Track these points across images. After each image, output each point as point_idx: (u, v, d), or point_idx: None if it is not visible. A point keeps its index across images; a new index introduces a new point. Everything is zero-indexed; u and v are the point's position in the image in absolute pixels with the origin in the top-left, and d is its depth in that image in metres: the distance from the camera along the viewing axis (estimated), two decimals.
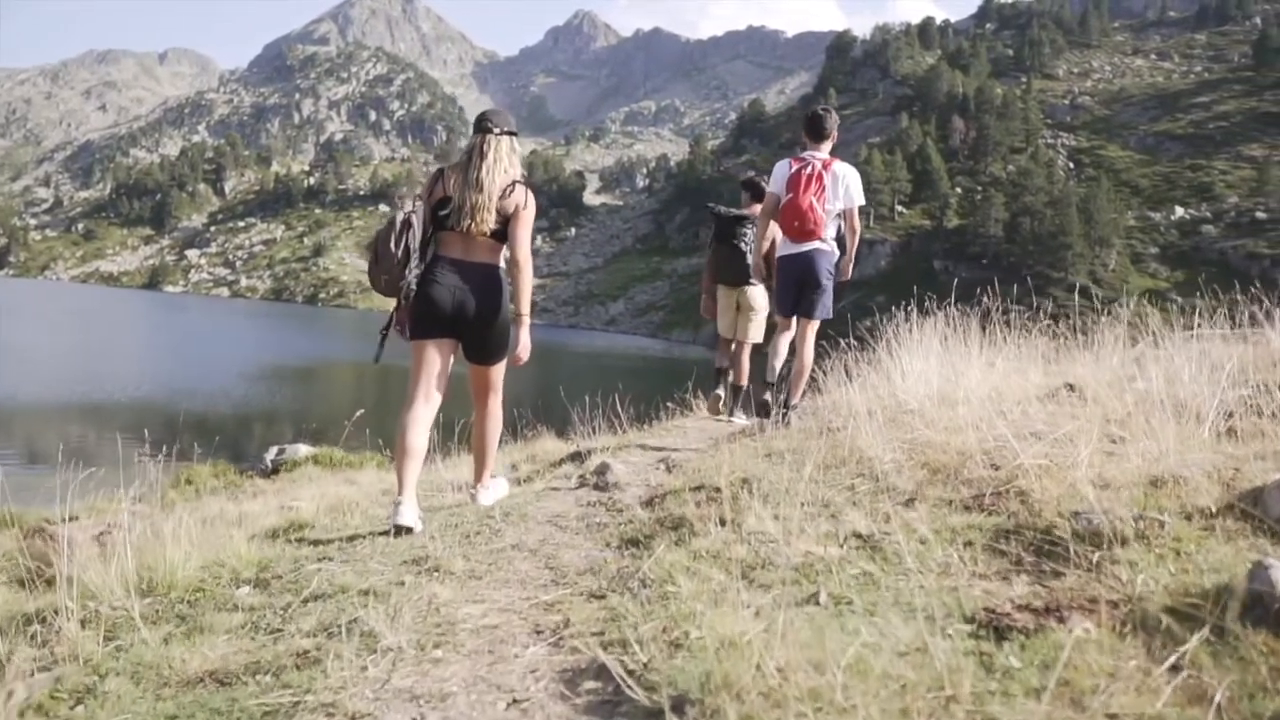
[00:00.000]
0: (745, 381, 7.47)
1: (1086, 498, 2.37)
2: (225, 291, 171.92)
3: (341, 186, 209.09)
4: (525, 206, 4.21)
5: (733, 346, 7.53)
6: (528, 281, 4.23)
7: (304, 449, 11.18)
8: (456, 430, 5.62)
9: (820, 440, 4.00)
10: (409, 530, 3.70)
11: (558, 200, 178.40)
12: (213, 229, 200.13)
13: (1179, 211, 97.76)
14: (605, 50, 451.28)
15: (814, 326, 6.18)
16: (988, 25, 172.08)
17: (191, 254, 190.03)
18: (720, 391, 7.37)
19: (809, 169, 6.21)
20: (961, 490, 2.74)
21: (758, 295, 7.38)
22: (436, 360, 4.20)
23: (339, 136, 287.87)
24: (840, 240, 6.28)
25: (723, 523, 2.76)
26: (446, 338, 4.21)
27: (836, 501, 2.78)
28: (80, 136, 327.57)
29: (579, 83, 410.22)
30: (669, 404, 8.25)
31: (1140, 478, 2.59)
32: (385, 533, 3.65)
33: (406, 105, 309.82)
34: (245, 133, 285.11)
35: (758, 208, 7.38)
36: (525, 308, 4.26)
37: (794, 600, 2.02)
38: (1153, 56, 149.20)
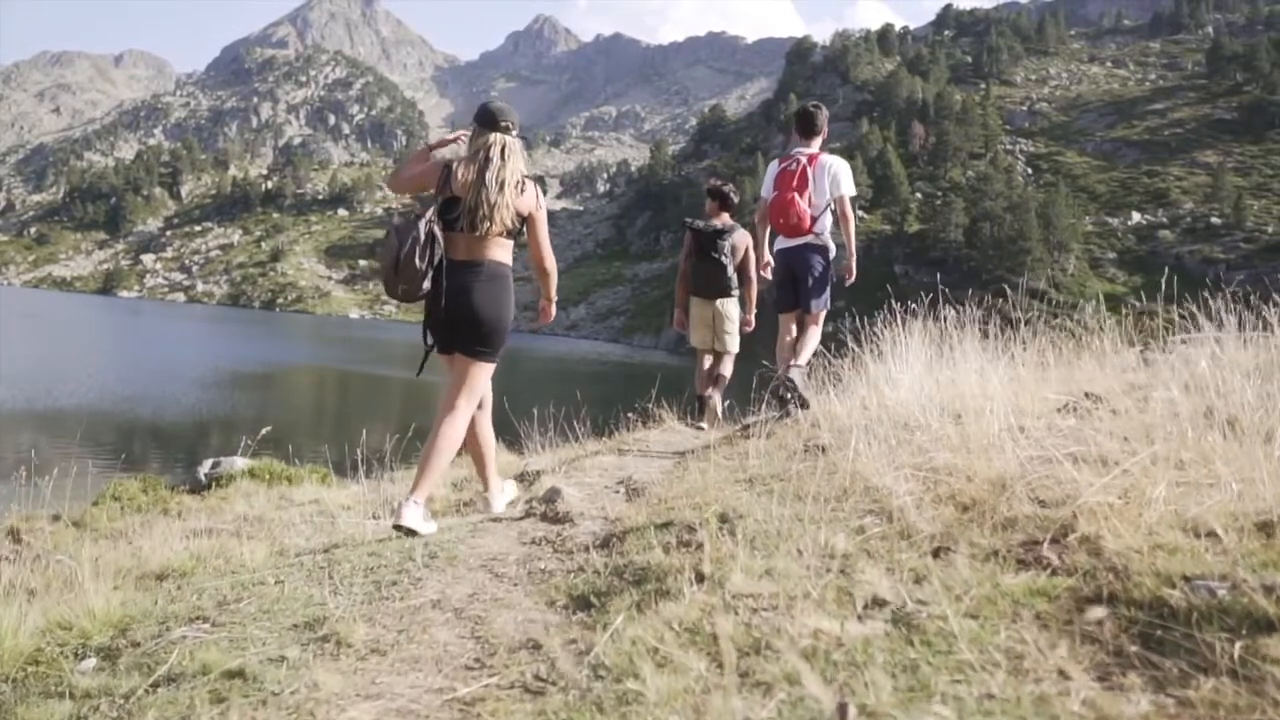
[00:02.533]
0: (725, 383, 7.57)
1: (1189, 553, 1.79)
2: (181, 296, 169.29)
3: (300, 191, 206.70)
4: (539, 207, 4.19)
5: (709, 359, 7.63)
6: (554, 283, 4.39)
7: (240, 462, 10.41)
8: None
9: (808, 462, 3.40)
10: (412, 532, 3.60)
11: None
12: (168, 233, 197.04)
13: (1136, 217, 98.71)
14: (566, 55, 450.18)
15: (816, 317, 6.26)
16: (946, 32, 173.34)
17: (147, 259, 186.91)
18: (704, 424, 7.29)
19: (794, 165, 6.20)
20: (1005, 536, 2.14)
21: (731, 306, 7.50)
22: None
23: (297, 140, 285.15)
24: (836, 234, 6.32)
25: (700, 578, 2.14)
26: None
27: (845, 549, 2.17)
28: (33, 139, 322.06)
29: (540, 87, 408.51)
30: (630, 413, 7.64)
31: (1235, 519, 2.01)
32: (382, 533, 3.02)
33: (366, 109, 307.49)
34: (202, 136, 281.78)
35: (725, 216, 7.64)
36: (553, 295, 4.47)
37: (810, 717, 1.42)
38: (1108, 64, 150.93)
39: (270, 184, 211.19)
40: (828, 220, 6.19)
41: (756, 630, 1.79)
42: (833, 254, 6.30)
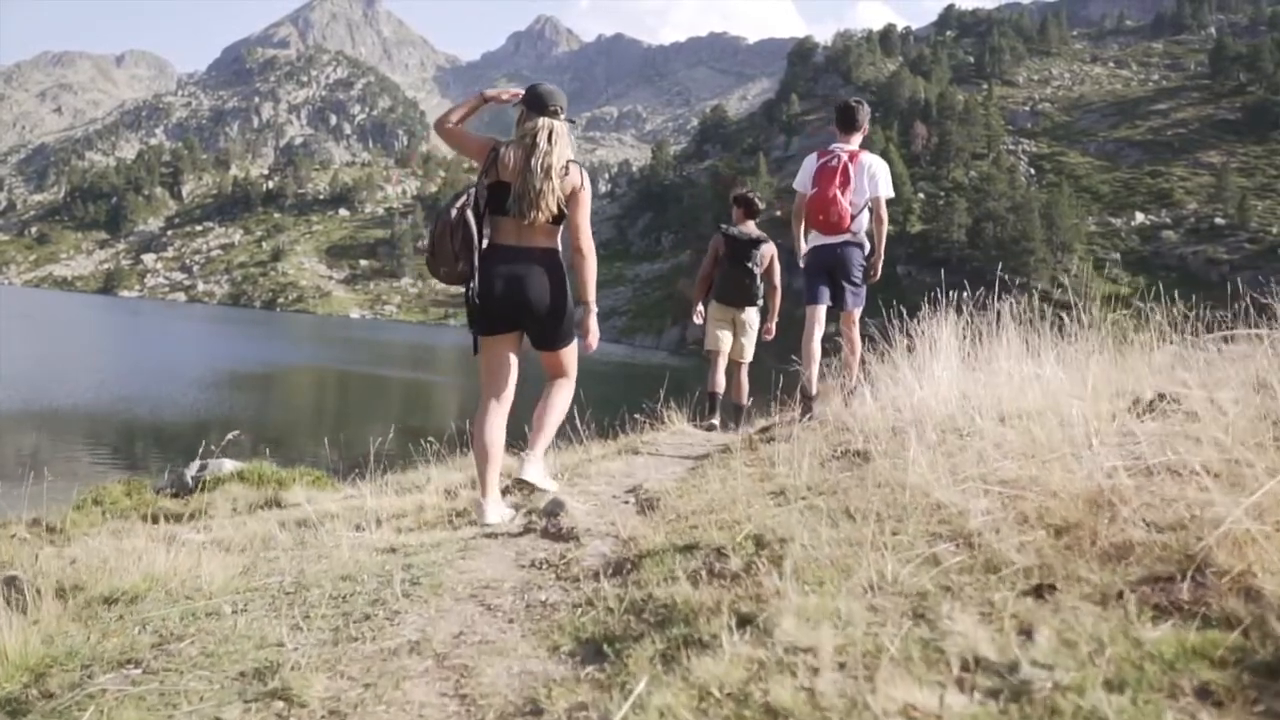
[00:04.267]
0: (745, 399, 7.55)
1: None
2: (182, 296, 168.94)
3: (301, 190, 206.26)
4: (583, 188, 4.11)
5: (723, 363, 7.58)
6: (593, 269, 4.17)
7: (229, 464, 9.98)
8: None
9: (848, 472, 2.97)
10: (532, 489, 3.74)
11: None
12: (169, 233, 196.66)
13: (1139, 217, 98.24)
14: (567, 55, 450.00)
15: (854, 316, 6.16)
16: (948, 33, 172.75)
17: (147, 258, 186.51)
18: (715, 420, 7.25)
19: (834, 162, 6.06)
20: (1121, 570, 1.70)
21: (754, 315, 7.49)
22: (503, 356, 4.13)
23: (299, 140, 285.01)
24: (871, 234, 6.23)
25: (741, 622, 1.72)
26: (510, 331, 4.12)
27: (920, 586, 1.74)
28: (35, 139, 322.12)
29: None
30: (636, 415, 7.22)
31: None
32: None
33: (367, 109, 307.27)
34: (203, 136, 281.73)
35: (751, 225, 7.54)
36: (591, 295, 4.17)
37: None
38: (1111, 64, 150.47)
39: (271, 184, 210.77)
40: (864, 219, 6.14)
41: (826, 702, 1.36)
42: (866, 252, 6.24)
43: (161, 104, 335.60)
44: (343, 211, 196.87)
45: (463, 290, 4.06)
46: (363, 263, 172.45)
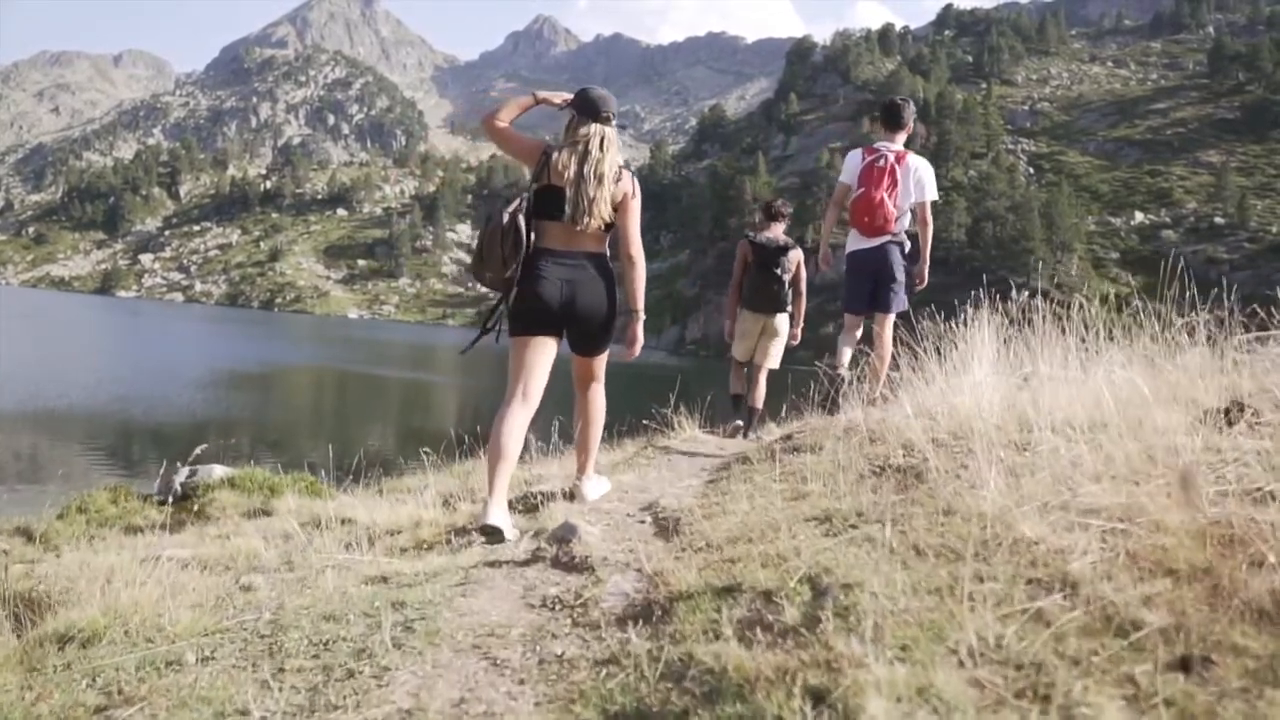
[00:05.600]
0: (761, 404, 7.39)
1: None
2: (179, 296, 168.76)
3: (299, 190, 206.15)
4: (634, 195, 4.12)
5: (746, 370, 7.59)
6: (643, 276, 4.14)
7: (219, 470, 9.62)
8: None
9: (901, 493, 2.63)
10: (498, 531, 3.46)
11: None
12: (167, 233, 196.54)
13: (1139, 216, 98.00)
14: (565, 55, 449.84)
15: (890, 320, 6.03)
16: (947, 32, 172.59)
17: (145, 258, 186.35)
18: (740, 421, 7.23)
19: (882, 162, 5.95)
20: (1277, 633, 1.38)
21: (784, 323, 7.41)
22: (538, 358, 4.04)
23: (297, 140, 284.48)
24: (913, 236, 6.15)
25: (814, 698, 1.37)
26: (550, 334, 4.05)
27: (1031, 653, 1.39)
28: (32, 139, 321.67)
29: (539, 88, 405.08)
30: (645, 420, 6.88)
31: None
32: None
33: (365, 109, 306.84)
34: (201, 136, 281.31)
35: (779, 231, 7.44)
36: (640, 303, 4.12)
37: None
38: (1109, 64, 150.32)
39: (269, 184, 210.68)
40: (906, 221, 6.06)
41: None
42: (908, 252, 6.12)
43: (159, 104, 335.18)
44: (340, 211, 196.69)
45: (498, 295, 4.02)
46: (360, 263, 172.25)
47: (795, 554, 2.07)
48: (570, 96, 4.16)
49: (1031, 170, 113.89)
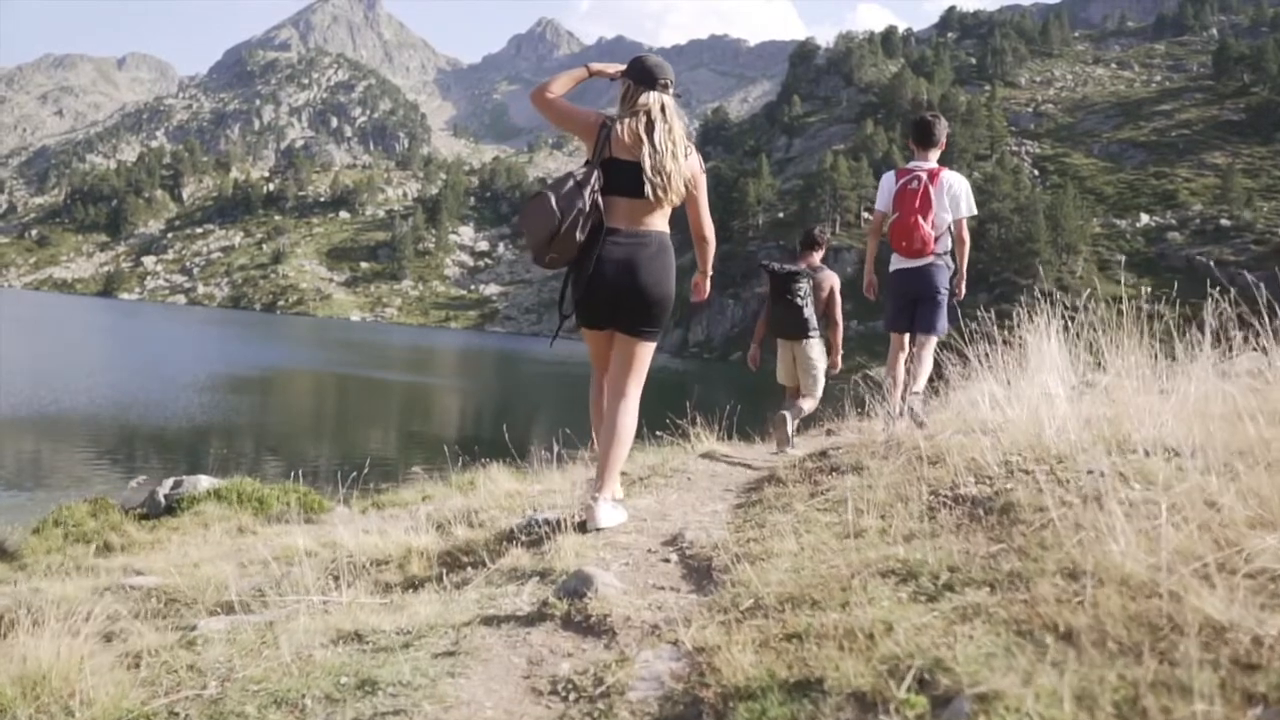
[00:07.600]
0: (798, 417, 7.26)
1: None
2: (182, 299, 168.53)
3: (302, 193, 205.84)
4: (701, 171, 3.97)
5: (788, 392, 7.56)
6: (713, 252, 4.05)
7: (205, 481, 9.16)
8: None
9: (986, 531, 2.16)
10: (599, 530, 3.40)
11: (520, 207, 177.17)
12: (170, 235, 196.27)
13: (1144, 218, 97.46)
14: (568, 58, 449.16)
15: (932, 342, 5.89)
16: (950, 34, 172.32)
17: (148, 261, 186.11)
18: (775, 446, 6.99)
19: (915, 184, 5.92)
20: None
21: (813, 348, 7.36)
22: (608, 348, 3.92)
23: (300, 143, 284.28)
24: (953, 253, 6.01)
25: None
26: (608, 325, 3.87)
27: None
28: (36, 142, 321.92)
29: None
30: (658, 431, 6.42)
31: None
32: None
33: (368, 112, 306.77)
34: (204, 139, 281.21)
35: (815, 258, 7.48)
36: (709, 268, 4.06)
37: None
38: (1113, 66, 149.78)
39: (272, 186, 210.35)
40: (947, 240, 5.95)
41: None
42: (950, 273, 6.02)
43: (162, 106, 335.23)
44: (343, 214, 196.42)
45: (557, 274, 3.81)
46: (363, 265, 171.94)
47: (885, 631, 1.57)
48: (623, 67, 3.99)
49: (1036, 172, 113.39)
